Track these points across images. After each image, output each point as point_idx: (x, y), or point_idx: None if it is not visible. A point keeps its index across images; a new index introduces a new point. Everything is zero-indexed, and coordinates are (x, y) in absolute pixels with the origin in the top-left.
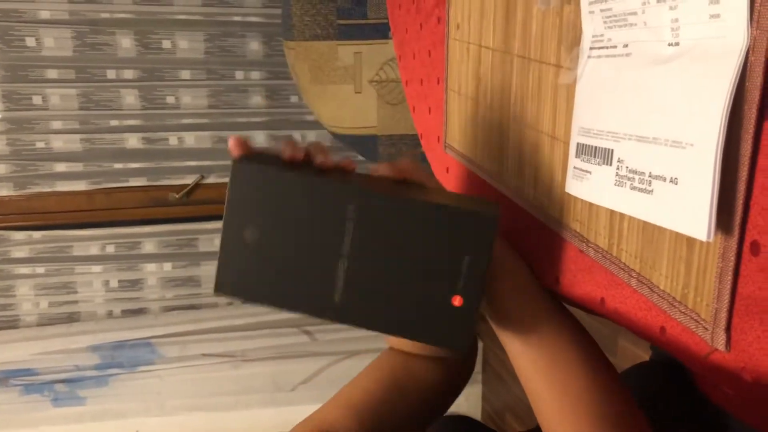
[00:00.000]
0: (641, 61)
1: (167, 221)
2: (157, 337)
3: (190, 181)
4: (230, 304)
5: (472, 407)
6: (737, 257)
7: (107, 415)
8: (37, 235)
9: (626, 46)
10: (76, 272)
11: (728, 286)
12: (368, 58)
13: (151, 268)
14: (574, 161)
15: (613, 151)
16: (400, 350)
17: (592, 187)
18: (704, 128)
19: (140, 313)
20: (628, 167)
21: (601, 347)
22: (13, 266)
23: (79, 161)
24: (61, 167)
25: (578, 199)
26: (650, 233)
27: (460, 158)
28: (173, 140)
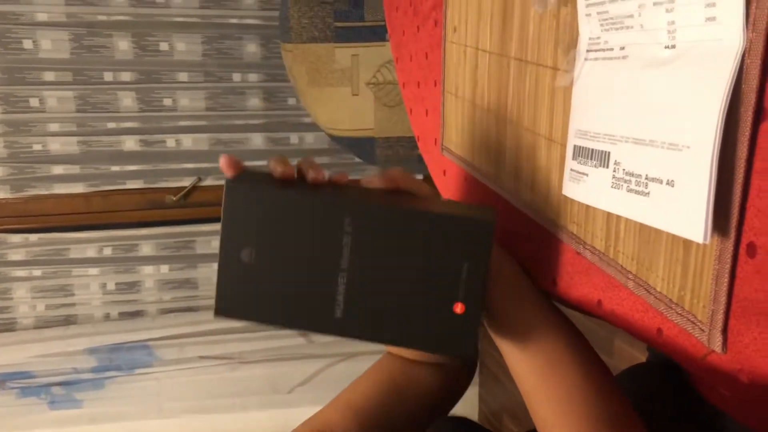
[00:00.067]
0: (638, 63)
1: (164, 224)
2: (154, 339)
3: (187, 183)
4: None
5: (468, 409)
6: (733, 259)
7: (104, 417)
8: (33, 237)
9: (623, 48)
10: (73, 275)
11: (725, 288)
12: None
13: (148, 270)
14: (570, 163)
15: (609, 153)
16: (399, 355)
17: (588, 189)
18: (701, 131)
19: (137, 315)
20: (624, 169)
21: (597, 348)
22: (9, 269)
23: (76, 164)
24: (58, 170)
25: (575, 201)
26: (647, 235)
27: (457, 161)
28: (170, 142)
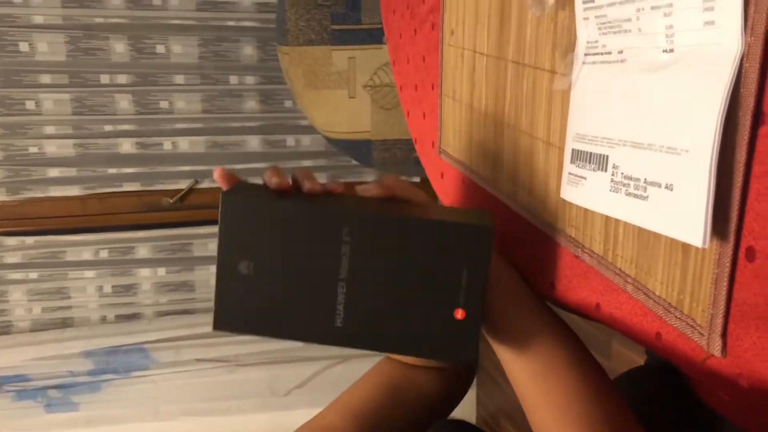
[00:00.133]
0: (636, 67)
1: (161, 226)
2: (150, 342)
3: (184, 185)
4: None
5: (466, 411)
6: (733, 263)
7: (101, 420)
8: (29, 240)
9: (621, 52)
10: (69, 277)
11: (724, 292)
12: (362, 63)
13: (144, 273)
14: (569, 167)
15: (608, 157)
16: (398, 359)
17: (587, 193)
18: (699, 134)
19: (134, 318)
20: (623, 173)
21: (595, 351)
22: (5, 272)
23: (72, 166)
24: (54, 172)
25: (573, 204)
26: (646, 239)
27: (454, 163)
28: (167, 145)
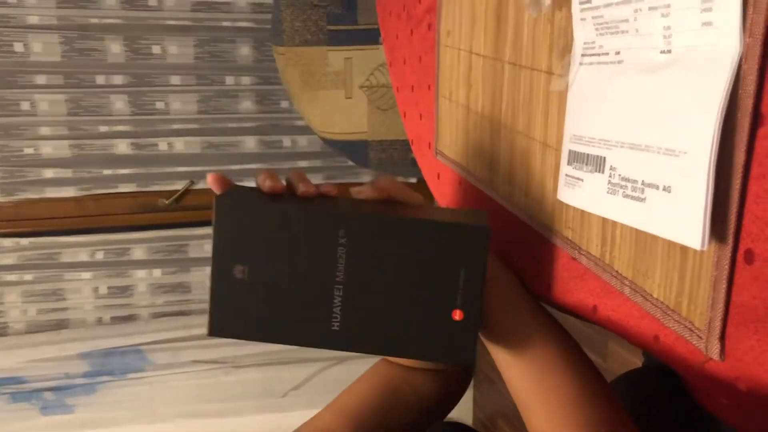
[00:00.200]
0: (633, 68)
1: (157, 227)
2: (147, 343)
3: (179, 186)
4: None
5: (463, 413)
6: (731, 266)
7: (96, 423)
8: (25, 241)
9: (618, 53)
10: (64, 279)
11: (722, 294)
12: (359, 63)
13: (140, 274)
14: (565, 169)
15: (605, 158)
16: (395, 361)
17: (584, 194)
18: (698, 136)
19: (130, 319)
20: (620, 175)
21: (591, 352)
22: (0, 273)
23: (68, 167)
24: (49, 173)
25: (570, 206)
26: (643, 241)
27: (451, 164)
28: (163, 146)
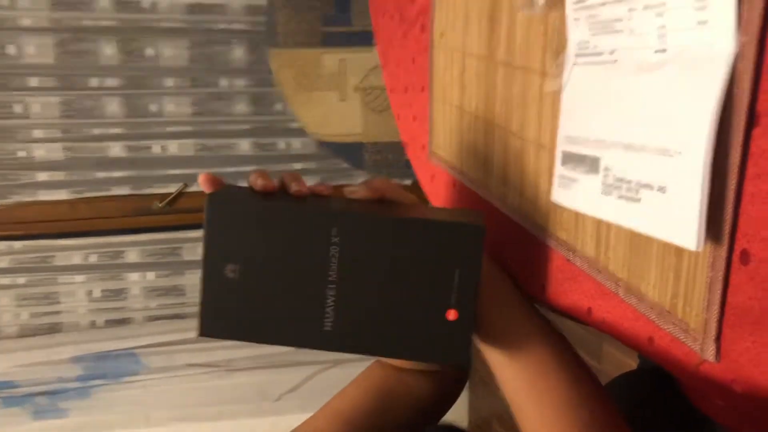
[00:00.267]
0: (628, 68)
1: (151, 230)
2: (141, 347)
3: (173, 189)
4: None
5: (458, 415)
6: (727, 266)
7: (90, 427)
8: (18, 245)
9: (612, 52)
10: (58, 282)
11: (718, 295)
12: (353, 65)
13: (134, 277)
14: (560, 169)
15: (599, 159)
16: (389, 363)
17: (578, 195)
18: (693, 136)
19: (124, 323)
20: (615, 175)
21: (586, 353)
22: None
23: (61, 170)
24: (42, 176)
25: (565, 207)
26: (638, 242)
27: (445, 166)
28: (157, 148)
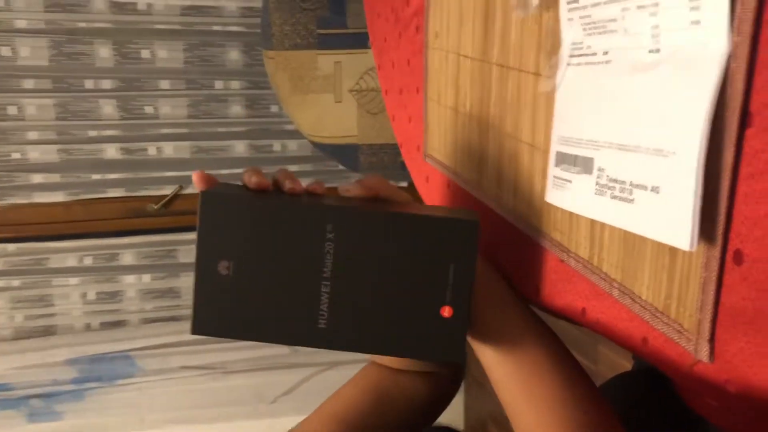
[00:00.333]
0: (621, 68)
1: (146, 232)
2: (136, 349)
3: (168, 191)
4: None
5: (454, 417)
6: (720, 267)
7: (85, 430)
8: (12, 247)
9: (606, 53)
10: (52, 285)
11: (711, 296)
12: (348, 67)
13: (129, 279)
14: (553, 170)
15: (593, 159)
16: (383, 364)
17: (572, 196)
18: (686, 136)
19: (119, 325)
20: (608, 176)
21: (581, 355)
22: None
23: (56, 172)
24: (37, 178)
25: (559, 208)
26: (632, 243)
27: (440, 167)
28: (152, 150)
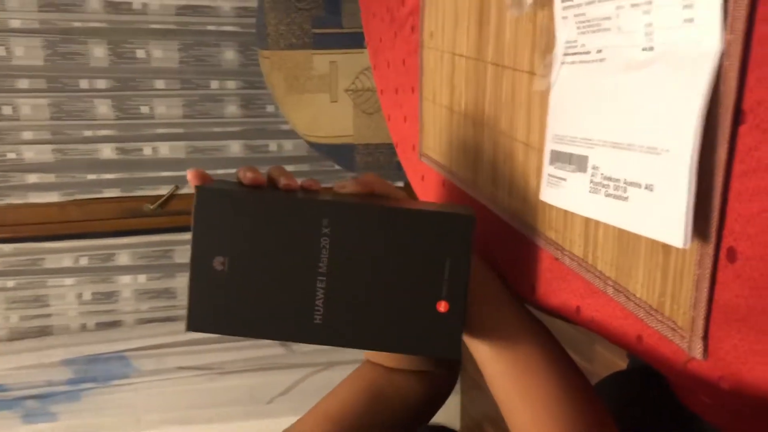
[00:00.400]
0: (615, 66)
1: (142, 232)
2: (131, 350)
3: (164, 191)
4: None
5: (450, 417)
6: (714, 264)
7: (80, 431)
8: (7, 247)
9: (600, 51)
10: (48, 285)
11: (705, 293)
12: (344, 67)
13: (125, 280)
14: (548, 169)
15: (587, 158)
16: (378, 363)
17: (566, 194)
18: (680, 134)
19: (115, 325)
20: (602, 174)
21: (577, 354)
22: None
23: (51, 172)
24: (32, 178)
25: (553, 206)
26: (626, 241)
27: (435, 166)
28: (147, 150)
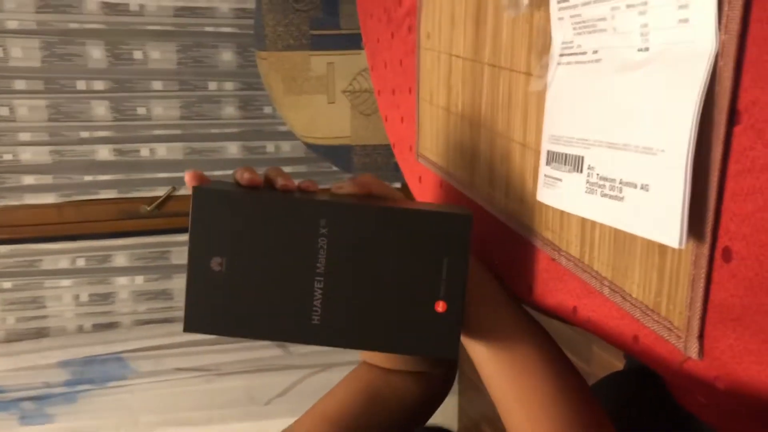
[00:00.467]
0: (611, 66)
1: (139, 234)
2: (128, 351)
3: (161, 192)
4: None
5: (448, 418)
6: (709, 264)
7: None
8: (4, 249)
9: (596, 52)
10: (45, 286)
11: (701, 293)
12: (341, 68)
13: (122, 281)
14: (544, 169)
15: (583, 158)
16: (375, 364)
17: (562, 194)
18: (675, 134)
19: (111, 327)
20: (598, 174)
21: (575, 355)
22: None
23: (48, 173)
24: (29, 180)
25: (550, 207)
26: (622, 241)
27: (432, 167)
28: (145, 152)
